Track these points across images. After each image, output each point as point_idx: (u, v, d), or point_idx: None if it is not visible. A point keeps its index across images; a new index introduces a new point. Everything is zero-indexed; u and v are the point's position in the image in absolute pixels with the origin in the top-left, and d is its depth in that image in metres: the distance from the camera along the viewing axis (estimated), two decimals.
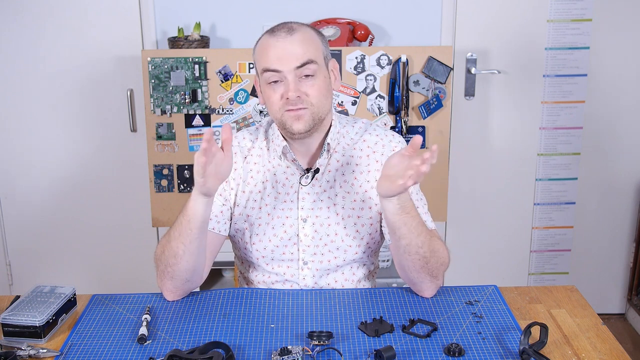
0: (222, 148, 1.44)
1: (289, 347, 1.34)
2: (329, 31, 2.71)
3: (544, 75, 2.94)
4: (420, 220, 1.51)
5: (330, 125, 1.64)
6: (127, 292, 1.63)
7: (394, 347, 1.34)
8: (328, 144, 1.63)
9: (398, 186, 1.39)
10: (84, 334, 1.45)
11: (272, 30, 1.56)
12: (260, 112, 2.66)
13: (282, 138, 1.63)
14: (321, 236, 1.64)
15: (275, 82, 1.54)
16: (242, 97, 2.65)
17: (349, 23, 2.76)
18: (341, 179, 1.65)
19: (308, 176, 1.64)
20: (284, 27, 1.55)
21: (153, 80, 2.62)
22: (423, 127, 2.68)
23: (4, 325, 1.43)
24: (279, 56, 1.52)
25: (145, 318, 1.47)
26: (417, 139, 1.37)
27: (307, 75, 1.53)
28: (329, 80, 1.59)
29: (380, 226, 1.67)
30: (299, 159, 1.64)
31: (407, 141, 2.68)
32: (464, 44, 2.88)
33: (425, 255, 1.51)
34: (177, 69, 2.61)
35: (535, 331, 1.39)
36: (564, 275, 3.17)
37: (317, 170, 1.64)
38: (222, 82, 2.63)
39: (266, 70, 1.53)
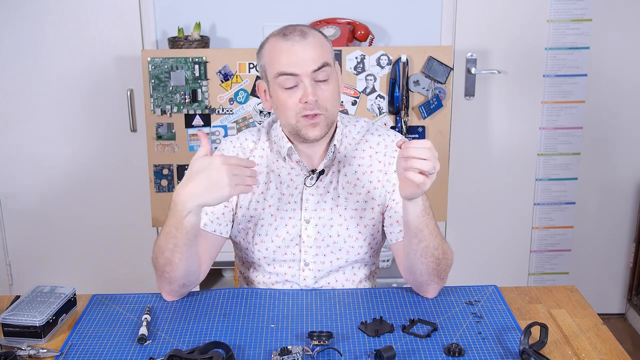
0: None
1: (289, 347, 1.34)
2: (329, 31, 2.70)
3: (544, 75, 2.94)
4: (436, 222, 1.52)
5: (336, 127, 1.64)
6: (127, 292, 1.63)
7: (394, 347, 1.34)
8: (335, 145, 1.62)
9: (410, 184, 1.38)
10: (84, 334, 1.45)
11: (282, 34, 1.53)
12: (260, 112, 2.66)
13: (287, 139, 1.62)
14: (324, 237, 1.64)
15: (291, 87, 1.53)
16: (242, 97, 2.65)
17: (349, 23, 2.76)
18: (344, 179, 1.65)
19: (313, 177, 1.64)
20: (296, 30, 1.53)
21: (153, 80, 2.62)
22: (423, 127, 2.68)
23: (4, 325, 1.43)
24: (296, 60, 1.50)
25: (145, 318, 1.47)
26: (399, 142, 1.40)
27: (321, 80, 1.53)
28: (339, 83, 1.59)
29: (383, 226, 1.67)
30: (303, 160, 1.64)
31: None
32: (464, 44, 2.88)
33: (439, 257, 1.51)
34: (177, 69, 2.61)
35: (535, 331, 1.39)
36: (564, 275, 3.17)
37: (322, 172, 1.64)
38: (222, 82, 2.63)
39: (282, 74, 1.51)
